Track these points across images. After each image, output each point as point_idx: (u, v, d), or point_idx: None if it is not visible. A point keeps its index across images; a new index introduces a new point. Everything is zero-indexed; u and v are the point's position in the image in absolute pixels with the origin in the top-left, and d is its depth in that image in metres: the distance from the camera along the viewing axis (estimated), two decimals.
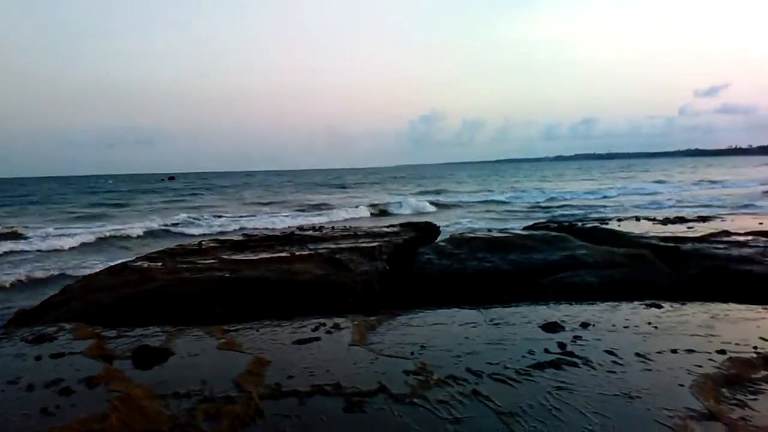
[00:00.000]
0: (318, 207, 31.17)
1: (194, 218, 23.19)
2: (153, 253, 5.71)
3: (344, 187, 49.28)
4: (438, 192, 41.39)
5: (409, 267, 5.25)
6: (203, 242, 6.33)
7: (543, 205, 29.90)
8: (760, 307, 3.87)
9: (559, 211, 24.22)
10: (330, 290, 4.30)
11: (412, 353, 3.05)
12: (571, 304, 4.03)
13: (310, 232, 6.48)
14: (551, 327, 3.41)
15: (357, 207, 28.51)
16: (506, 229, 7.59)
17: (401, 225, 6.76)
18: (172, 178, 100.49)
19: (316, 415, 2.34)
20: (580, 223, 6.78)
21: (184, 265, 4.81)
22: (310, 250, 5.34)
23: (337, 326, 3.54)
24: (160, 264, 4.94)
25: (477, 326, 3.52)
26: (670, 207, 23.57)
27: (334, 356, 3.04)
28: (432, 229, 6.57)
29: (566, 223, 6.84)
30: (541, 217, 20.83)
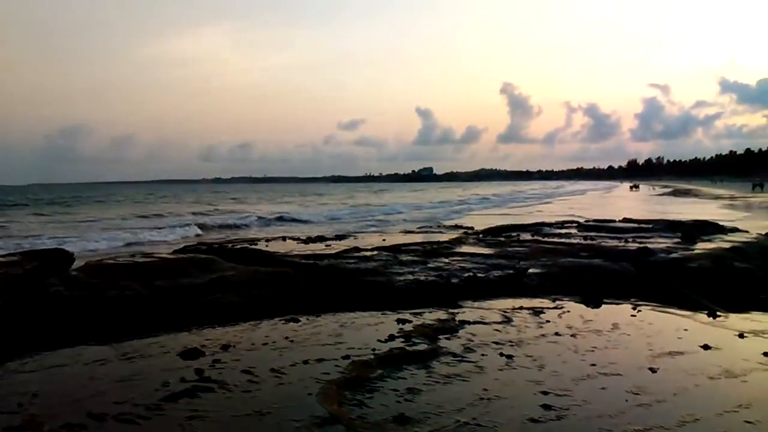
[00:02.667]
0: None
1: None
2: None
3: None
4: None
5: (33, 302, 4.45)
6: None
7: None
8: (379, 312, 4.45)
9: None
10: None
11: (20, 404, 2.56)
12: (214, 328, 3.98)
13: None
14: (191, 354, 3.29)
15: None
16: (153, 254, 7.15)
17: (21, 254, 5.72)
18: None
19: None
20: (230, 245, 6.83)
21: None
22: None
23: None
24: None
25: (106, 363, 3.17)
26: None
27: None
28: (63, 257, 5.73)
29: (216, 245, 6.80)
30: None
